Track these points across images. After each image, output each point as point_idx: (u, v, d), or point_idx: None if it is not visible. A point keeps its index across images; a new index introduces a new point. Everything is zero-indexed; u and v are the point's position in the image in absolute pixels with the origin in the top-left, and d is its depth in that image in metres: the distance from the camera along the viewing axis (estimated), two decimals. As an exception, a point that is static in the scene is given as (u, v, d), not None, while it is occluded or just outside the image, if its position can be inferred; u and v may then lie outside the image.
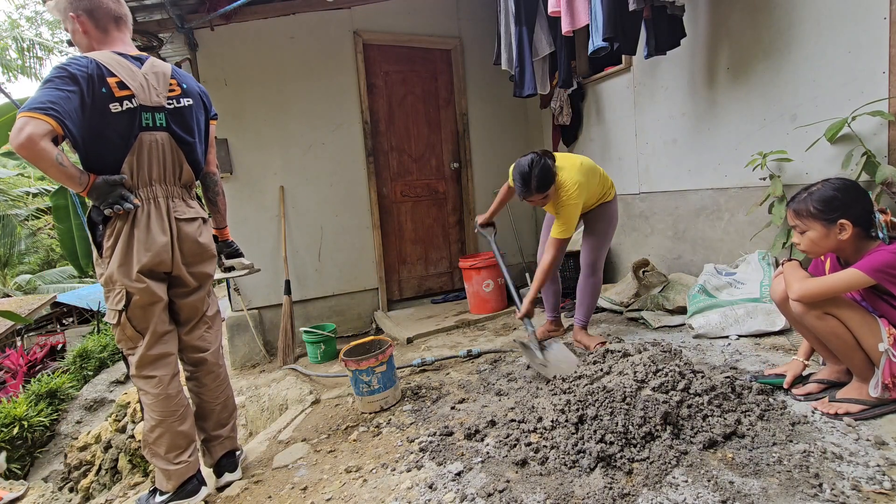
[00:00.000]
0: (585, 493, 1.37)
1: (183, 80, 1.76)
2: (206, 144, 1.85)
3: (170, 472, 1.67)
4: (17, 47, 9.86)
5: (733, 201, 2.89)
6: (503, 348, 2.83)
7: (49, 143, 1.41)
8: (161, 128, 1.66)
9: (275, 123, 3.61)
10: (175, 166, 1.71)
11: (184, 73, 1.80)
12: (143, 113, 1.61)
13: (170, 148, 1.69)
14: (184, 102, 1.73)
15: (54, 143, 1.46)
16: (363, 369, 2.17)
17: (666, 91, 3.23)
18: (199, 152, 1.80)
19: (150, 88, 1.64)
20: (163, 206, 1.66)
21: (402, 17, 3.98)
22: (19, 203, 9.71)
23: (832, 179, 1.58)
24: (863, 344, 1.52)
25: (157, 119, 1.65)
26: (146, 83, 1.63)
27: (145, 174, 1.64)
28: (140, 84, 1.61)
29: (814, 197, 1.56)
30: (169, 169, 1.69)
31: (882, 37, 2.14)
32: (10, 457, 4.11)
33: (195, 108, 1.77)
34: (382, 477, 1.66)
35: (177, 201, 1.71)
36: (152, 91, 1.64)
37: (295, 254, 3.71)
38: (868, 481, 1.29)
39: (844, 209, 1.51)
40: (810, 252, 1.61)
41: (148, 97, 1.62)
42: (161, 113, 1.66)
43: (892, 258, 1.44)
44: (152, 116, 1.64)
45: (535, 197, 2.32)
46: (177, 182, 1.72)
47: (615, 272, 3.88)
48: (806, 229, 1.59)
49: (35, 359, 5.97)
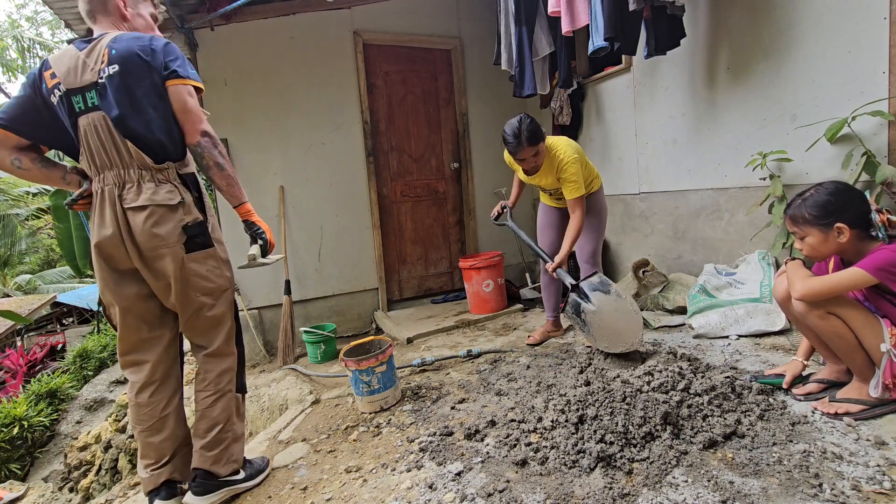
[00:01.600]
0: (585, 493, 1.37)
1: (115, 45, 1.51)
2: (167, 111, 1.55)
3: (141, 478, 1.63)
4: (18, 47, 9.87)
5: (733, 201, 2.89)
6: (503, 348, 2.83)
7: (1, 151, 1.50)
8: (94, 108, 1.50)
9: (275, 123, 3.61)
10: (118, 147, 1.51)
11: (124, 36, 1.54)
12: (72, 97, 1.50)
13: (104, 128, 1.50)
14: (108, 71, 1.48)
15: (31, 150, 1.56)
16: (363, 369, 2.17)
17: (666, 91, 3.23)
18: (142, 124, 1.51)
19: (79, 69, 1.50)
20: (107, 196, 1.51)
21: (402, 17, 3.98)
22: (19, 203, 9.70)
23: (825, 183, 1.58)
24: (864, 344, 1.52)
25: (88, 99, 1.50)
26: (77, 64, 1.50)
27: (92, 161, 1.53)
28: (68, 67, 1.50)
29: (808, 203, 1.56)
30: (112, 151, 1.51)
31: (882, 37, 2.14)
32: (10, 457, 4.10)
33: (124, 73, 1.49)
34: (382, 477, 1.66)
35: (129, 187, 1.52)
36: (80, 70, 1.49)
37: (295, 254, 3.71)
38: (868, 481, 1.29)
39: (840, 212, 1.51)
40: (813, 257, 1.62)
41: (76, 78, 1.49)
42: (92, 90, 1.49)
43: (893, 256, 1.44)
44: (83, 97, 1.50)
45: (526, 151, 2.37)
46: (128, 165, 1.52)
47: (615, 272, 3.88)
48: (805, 235, 1.59)
49: (35, 359, 5.96)
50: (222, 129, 3.42)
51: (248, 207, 1.68)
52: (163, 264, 1.55)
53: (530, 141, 2.35)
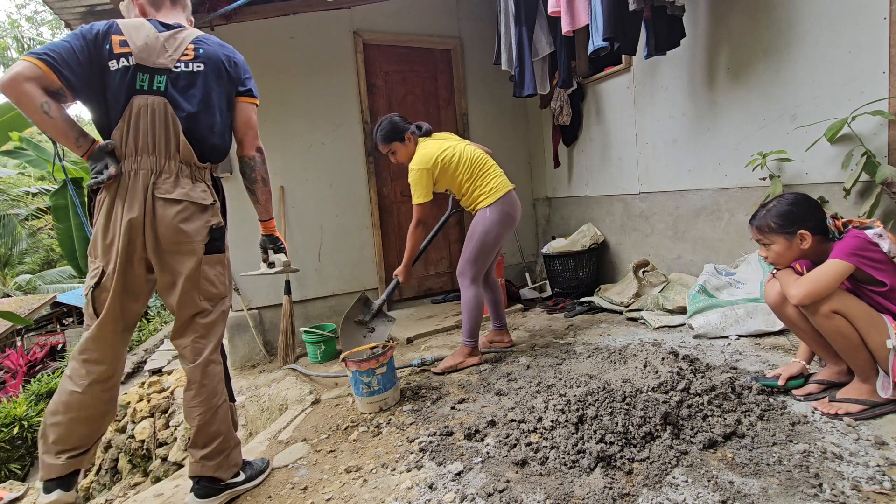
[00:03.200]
0: (585, 493, 1.37)
1: (203, 45, 1.56)
2: (228, 120, 1.63)
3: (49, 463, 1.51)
4: (18, 46, 9.87)
5: (733, 201, 2.89)
6: (503, 348, 2.83)
7: (34, 88, 1.36)
8: (158, 91, 1.49)
9: (275, 123, 3.61)
10: (169, 137, 1.51)
11: (211, 39, 1.61)
12: (139, 73, 1.47)
13: (164, 115, 1.49)
14: (192, 67, 1.52)
15: (55, 97, 1.42)
16: (363, 370, 2.17)
17: (666, 91, 3.23)
18: (208, 126, 1.56)
19: (157, 49, 1.49)
20: (141, 180, 1.48)
21: (402, 17, 3.98)
22: (20, 203, 9.70)
23: (786, 195, 1.71)
24: (869, 342, 1.53)
25: (155, 81, 1.48)
26: (155, 43, 1.49)
27: (132, 143, 1.48)
28: (145, 43, 1.48)
29: (772, 213, 1.66)
30: (161, 139, 1.50)
31: (882, 37, 2.14)
32: (10, 457, 4.11)
33: (208, 73, 1.55)
34: (382, 477, 1.66)
35: (166, 178, 1.51)
36: (158, 52, 1.49)
37: (295, 254, 3.71)
38: (868, 481, 1.29)
39: (802, 221, 1.62)
40: (778, 263, 1.70)
41: (149, 57, 1.48)
42: (163, 75, 1.49)
43: (857, 241, 1.53)
44: (150, 78, 1.48)
45: (382, 147, 2.61)
46: (171, 156, 1.51)
47: (615, 272, 3.88)
48: (770, 243, 1.68)
49: (35, 359, 5.97)
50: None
51: (273, 223, 1.79)
52: (179, 260, 1.54)
53: (382, 139, 2.57)
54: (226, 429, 1.65)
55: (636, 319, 3.03)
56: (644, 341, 2.58)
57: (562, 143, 4.22)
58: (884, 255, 1.52)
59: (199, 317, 1.61)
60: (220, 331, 1.69)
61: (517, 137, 4.59)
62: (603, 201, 3.93)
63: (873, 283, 1.55)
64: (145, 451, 3.45)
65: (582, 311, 3.37)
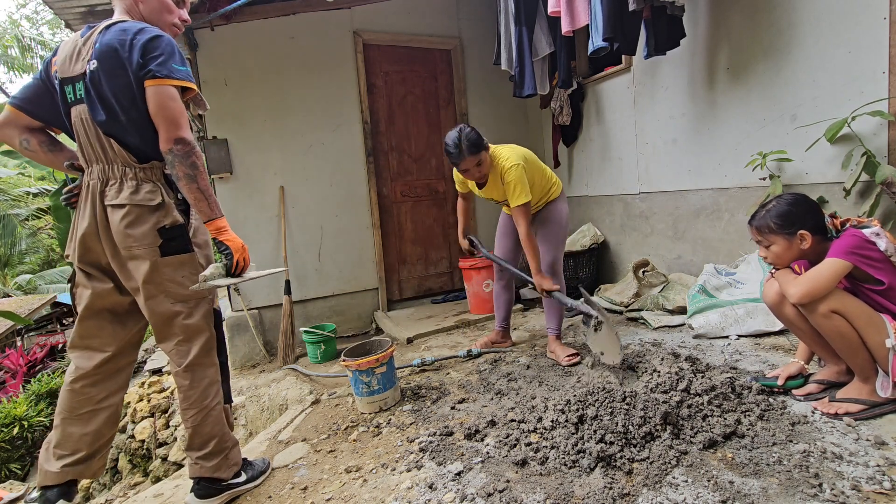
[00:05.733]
0: (585, 493, 1.37)
1: (102, 36, 1.42)
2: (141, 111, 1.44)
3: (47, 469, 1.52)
4: (19, 45, 9.88)
5: (733, 201, 2.89)
6: (503, 348, 2.83)
7: (11, 130, 1.54)
8: (80, 100, 1.46)
9: (275, 123, 3.61)
10: (102, 143, 1.47)
11: (116, 26, 1.45)
12: (65, 86, 1.47)
13: (90, 123, 1.46)
14: (91, 66, 1.42)
15: (42, 132, 1.59)
16: (363, 370, 2.17)
17: (666, 91, 3.23)
18: (118, 125, 1.45)
19: (73, 57, 1.45)
20: (91, 190, 1.49)
21: (401, 17, 3.98)
22: (19, 203, 9.70)
23: (785, 195, 1.70)
24: (868, 342, 1.53)
25: (77, 90, 1.46)
26: (71, 51, 1.46)
27: (82, 155, 1.51)
28: (65, 55, 1.47)
29: (771, 214, 1.66)
30: (97, 147, 1.47)
31: (882, 37, 2.14)
32: (10, 457, 4.11)
33: (102, 70, 1.41)
34: (382, 477, 1.66)
35: (112, 184, 1.48)
36: (73, 59, 1.45)
37: (295, 254, 3.71)
38: (868, 481, 1.29)
39: (802, 221, 1.63)
40: (777, 263, 1.70)
41: (69, 67, 1.45)
42: (79, 82, 1.44)
43: (854, 240, 1.54)
44: (73, 88, 1.46)
45: (468, 161, 2.28)
46: (111, 161, 1.48)
47: (615, 272, 3.88)
48: (770, 244, 1.68)
49: (35, 359, 5.97)
50: (222, 129, 3.42)
51: (220, 224, 1.52)
52: (134, 265, 1.50)
53: (471, 150, 2.26)
54: (220, 430, 1.64)
55: (636, 319, 3.03)
56: (644, 341, 2.58)
57: (562, 143, 4.22)
58: (881, 254, 1.53)
59: (178, 319, 1.56)
60: (207, 332, 1.63)
61: (517, 137, 4.58)
62: (603, 201, 3.93)
63: (871, 281, 1.55)
64: (145, 450, 3.46)
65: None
